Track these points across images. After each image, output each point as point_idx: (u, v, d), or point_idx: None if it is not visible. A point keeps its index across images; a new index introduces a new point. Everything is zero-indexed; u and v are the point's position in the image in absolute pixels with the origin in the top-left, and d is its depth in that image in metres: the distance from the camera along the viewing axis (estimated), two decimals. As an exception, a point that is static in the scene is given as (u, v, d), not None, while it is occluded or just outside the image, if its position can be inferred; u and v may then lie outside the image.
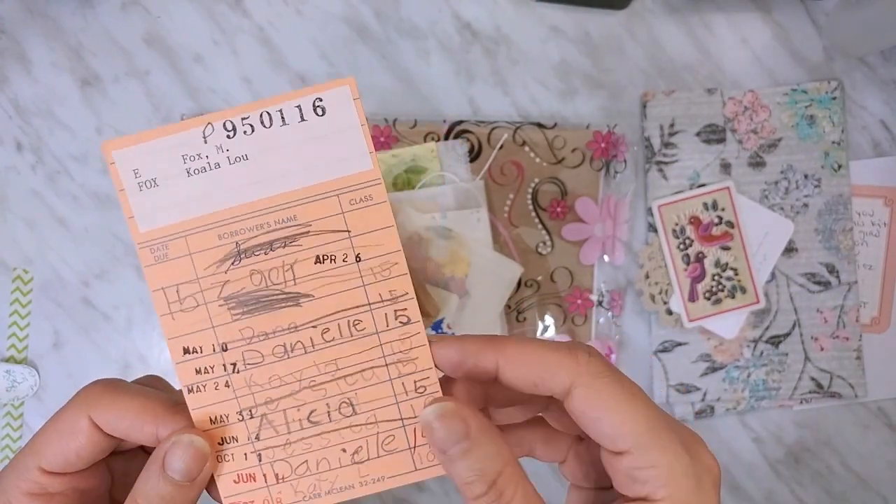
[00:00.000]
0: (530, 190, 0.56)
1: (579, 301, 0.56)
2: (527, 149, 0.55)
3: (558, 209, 0.56)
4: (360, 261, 0.27)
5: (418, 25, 0.57)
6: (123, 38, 0.57)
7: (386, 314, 0.27)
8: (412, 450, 0.28)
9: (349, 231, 0.27)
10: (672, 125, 0.57)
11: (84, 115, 0.57)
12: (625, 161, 0.56)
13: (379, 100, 0.57)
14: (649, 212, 0.57)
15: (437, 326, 0.53)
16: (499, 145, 0.55)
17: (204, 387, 0.27)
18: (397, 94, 0.57)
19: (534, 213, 0.56)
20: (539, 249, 0.56)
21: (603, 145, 0.55)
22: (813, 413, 0.58)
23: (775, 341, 0.57)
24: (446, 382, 0.28)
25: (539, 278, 0.56)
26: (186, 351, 0.27)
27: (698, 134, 0.57)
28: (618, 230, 0.56)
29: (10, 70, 0.57)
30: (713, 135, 0.57)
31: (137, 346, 0.58)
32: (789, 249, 0.57)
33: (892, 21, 0.52)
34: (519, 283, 0.55)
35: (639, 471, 0.24)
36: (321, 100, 0.26)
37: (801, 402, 0.57)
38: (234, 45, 0.57)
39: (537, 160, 0.55)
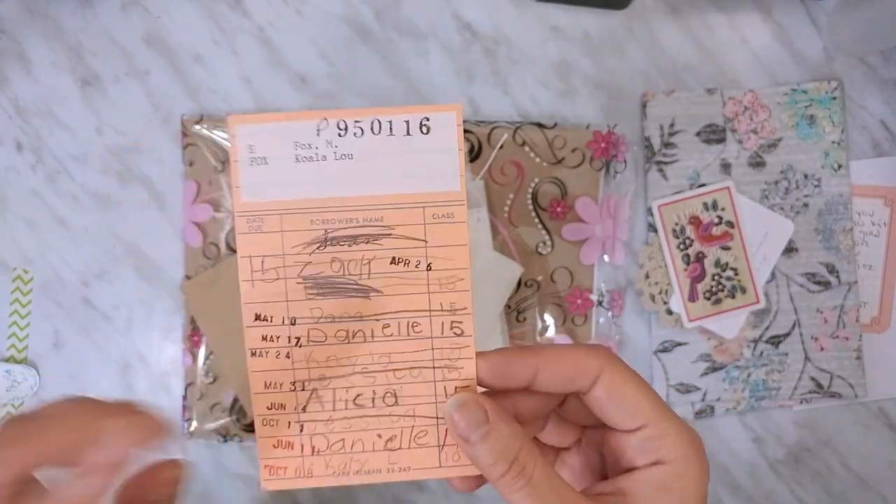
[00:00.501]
0: (530, 190, 0.56)
1: (579, 301, 0.56)
2: (527, 149, 0.55)
3: (558, 209, 0.56)
4: (430, 270, 0.30)
5: (418, 25, 0.57)
6: (123, 38, 0.57)
7: (443, 323, 0.30)
8: (440, 448, 0.30)
9: (426, 241, 0.29)
10: (672, 125, 0.57)
11: (84, 115, 0.57)
12: (625, 161, 0.56)
13: (379, 100, 0.57)
14: (649, 212, 0.57)
15: None
16: (499, 145, 0.55)
17: (266, 353, 0.29)
18: (397, 94, 0.57)
19: (534, 213, 0.56)
20: (539, 249, 0.56)
21: (603, 145, 0.55)
22: (813, 413, 0.58)
23: (775, 341, 0.57)
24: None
25: (539, 278, 0.56)
26: (258, 318, 0.29)
27: (698, 134, 0.57)
28: (618, 230, 0.56)
29: (10, 70, 0.58)
30: (713, 135, 0.57)
31: (137, 346, 0.58)
32: (789, 249, 0.57)
33: (892, 21, 0.52)
34: (519, 283, 0.55)
35: (652, 440, 0.29)
36: (428, 119, 0.29)
37: (801, 402, 0.57)
38: (234, 45, 0.57)
39: (537, 160, 0.56)
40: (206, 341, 0.55)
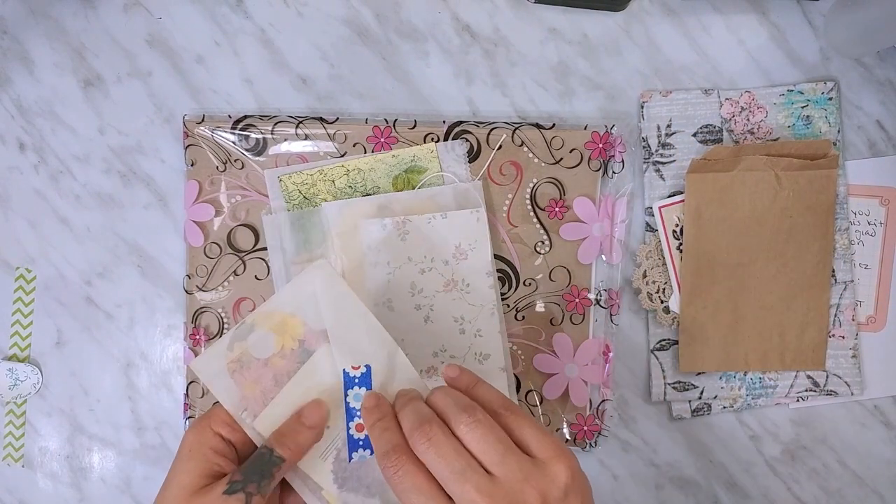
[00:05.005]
0: (529, 190, 0.56)
1: (577, 300, 0.56)
2: (525, 149, 0.56)
3: (556, 209, 0.56)
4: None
5: (418, 27, 0.58)
6: (125, 39, 0.58)
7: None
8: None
9: None
10: (669, 125, 0.57)
11: (86, 115, 0.58)
12: (622, 161, 0.56)
13: (379, 101, 0.58)
14: (647, 211, 0.57)
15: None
16: (498, 146, 0.56)
17: None
18: (397, 96, 0.58)
19: (532, 213, 0.56)
20: (537, 248, 0.56)
21: (601, 146, 0.56)
22: (809, 411, 0.58)
23: (772, 340, 0.57)
24: None
25: (537, 277, 0.56)
26: None
27: (695, 134, 0.57)
28: (615, 230, 0.56)
29: (12, 70, 0.58)
30: (710, 135, 0.57)
31: (139, 344, 0.58)
32: (786, 249, 0.57)
33: (887, 22, 0.53)
34: (518, 282, 0.56)
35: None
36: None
37: (798, 400, 0.57)
38: (235, 46, 0.58)
39: (536, 160, 0.56)
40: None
